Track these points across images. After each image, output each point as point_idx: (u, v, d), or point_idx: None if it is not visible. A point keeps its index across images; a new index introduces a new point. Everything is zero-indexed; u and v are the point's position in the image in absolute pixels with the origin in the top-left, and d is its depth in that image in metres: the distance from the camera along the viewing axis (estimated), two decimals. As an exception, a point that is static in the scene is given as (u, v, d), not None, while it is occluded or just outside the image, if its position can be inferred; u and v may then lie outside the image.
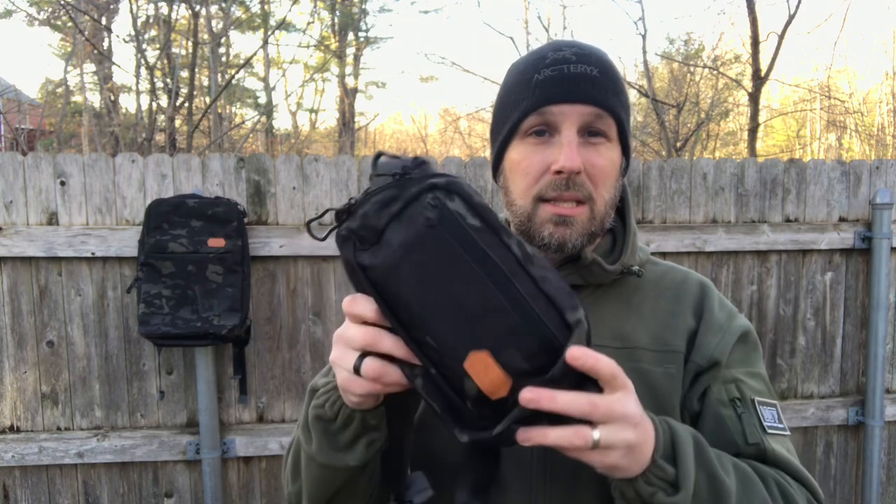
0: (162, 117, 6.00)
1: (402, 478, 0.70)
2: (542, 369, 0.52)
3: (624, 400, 0.57)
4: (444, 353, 0.54)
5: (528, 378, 0.52)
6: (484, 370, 0.52)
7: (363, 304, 0.58)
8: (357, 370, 0.59)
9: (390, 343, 0.57)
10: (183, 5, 7.07)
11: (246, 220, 2.25)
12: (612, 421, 0.56)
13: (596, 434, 0.55)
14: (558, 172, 0.75)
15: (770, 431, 0.78)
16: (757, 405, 0.80)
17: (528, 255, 0.55)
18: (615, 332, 0.81)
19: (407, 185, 0.57)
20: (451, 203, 0.56)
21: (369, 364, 0.58)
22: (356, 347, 0.59)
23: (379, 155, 0.60)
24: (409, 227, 0.55)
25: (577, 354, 0.52)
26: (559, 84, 0.76)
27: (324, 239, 0.62)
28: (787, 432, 0.81)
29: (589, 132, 0.76)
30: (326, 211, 0.62)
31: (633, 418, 0.58)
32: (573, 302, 0.54)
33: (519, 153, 0.79)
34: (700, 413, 0.80)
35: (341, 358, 0.61)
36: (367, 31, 15.59)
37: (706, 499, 0.64)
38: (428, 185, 0.57)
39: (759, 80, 6.70)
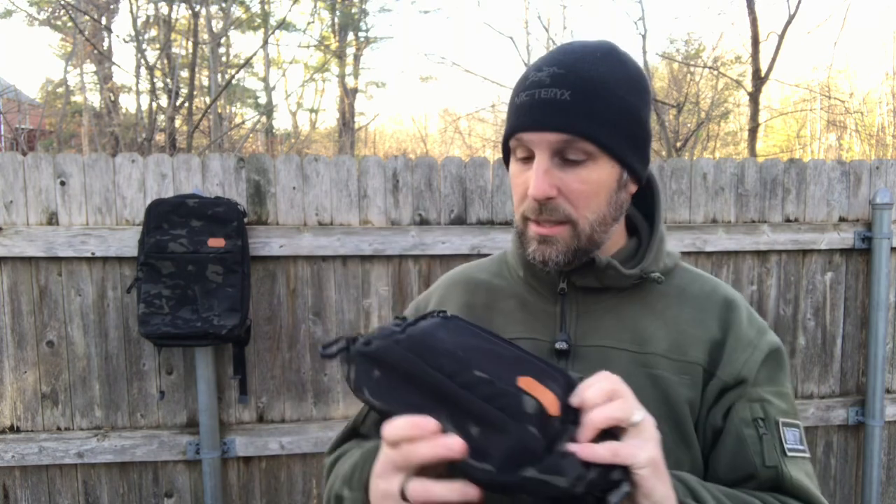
0: (162, 117, 5.99)
1: None
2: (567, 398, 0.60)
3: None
4: (496, 377, 0.58)
5: (566, 403, 0.59)
6: (536, 388, 0.58)
7: (401, 423, 0.58)
8: (403, 495, 0.59)
9: (426, 446, 0.56)
10: (183, 5, 7.07)
11: (246, 220, 2.25)
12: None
13: (638, 413, 0.59)
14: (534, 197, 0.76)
15: (790, 454, 0.78)
16: (781, 427, 0.79)
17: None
18: (634, 336, 0.81)
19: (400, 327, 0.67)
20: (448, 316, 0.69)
21: (414, 484, 0.58)
22: (402, 468, 0.59)
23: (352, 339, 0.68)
24: (426, 322, 0.66)
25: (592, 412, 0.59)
26: (528, 111, 0.75)
27: (335, 356, 0.65)
28: (808, 454, 0.80)
29: (565, 157, 0.76)
30: (340, 339, 0.67)
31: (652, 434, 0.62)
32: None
33: (512, 171, 0.81)
34: (723, 430, 0.79)
35: (387, 487, 0.60)
36: (367, 31, 15.59)
37: None
38: (429, 312, 0.71)
39: (759, 80, 6.70)
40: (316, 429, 2.36)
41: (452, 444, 0.55)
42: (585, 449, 0.56)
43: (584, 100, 0.74)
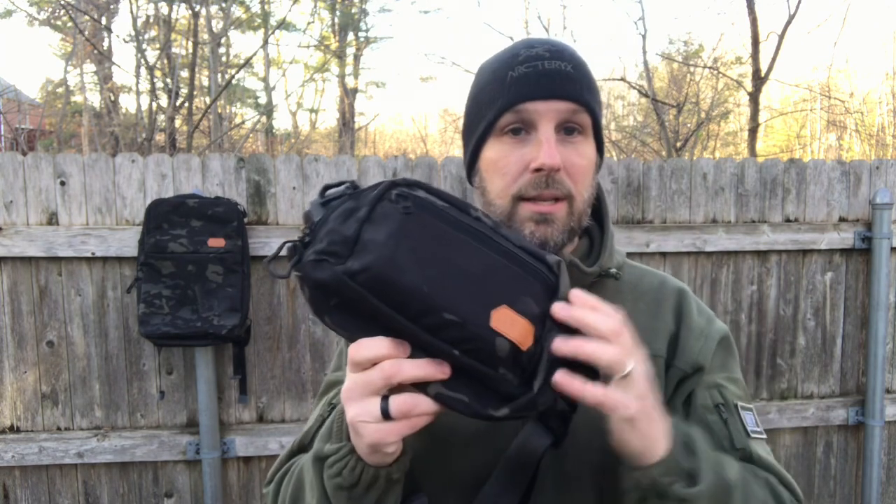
0: (162, 117, 5.99)
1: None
2: (548, 309, 0.57)
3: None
4: (469, 321, 0.53)
5: (543, 321, 0.56)
6: (510, 323, 0.54)
7: (372, 342, 0.55)
8: (386, 413, 0.55)
9: (410, 364, 0.54)
10: (183, 5, 7.07)
11: (246, 220, 2.25)
12: (635, 352, 0.59)
13: (630, 364, 0.57)
14: (537, 170, 0.74)
15: (753, 436, 0.79)
16: (739, 410, 0.80)
17: (495, 221, 0.60)
18: None
19: (362, 194, 0.58)
20: (416, 193, 0.58)
21: (399, 401, 0.55)
22: (378, 389, 0.56)
23: (326, 188, 0.61)
24: (387, 222, 0.55)
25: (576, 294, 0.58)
26: (534, 81, 0.75)
27: (288, 275, 0.57)
28: (765, 436, 0.82)
29: (565, 129, 0.76)
30: (283, 245, 0.58)
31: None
32: (544, 250, 0.62)
33: (496, 152, 0.77)
34: (686, 418, 0.79)
35: (362, 411, 0.57)
36: (367, 31, 15.59)
37: (713, 495, 0.63)
38: (386, 184, 0.58)
39: (759, 80, 6.70)
40: (316, 429, 2.35)
41: (440, 365, 0.54)
42: (566, 385, 0.55)
43: (583, 75, 0.77)
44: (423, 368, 0.54)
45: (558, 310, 0.56)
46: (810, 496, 2.70)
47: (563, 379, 0.55)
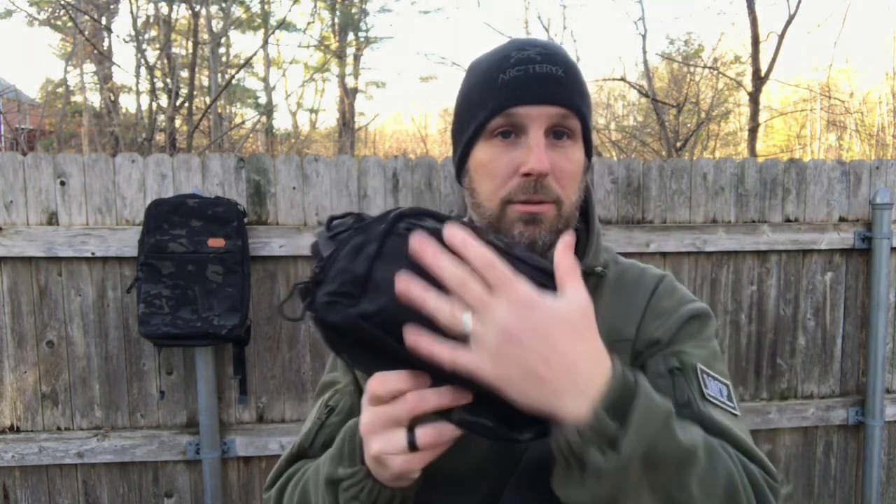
0: (162, 117, 5.99)
1: None
2: None
3: (520, 289, 0.51)
4: None
5: None
6: None
7: (393, 376, 0.55)
8: (413, 445, 0.55)
9: (433, 394, 0.54)
10: (183, 5, 7.07)
11: (246, 220, 2.25)
12: (490, 307, 0.50)
13: (467, 320, 0.50)
14: (527, 175, 0.73)
15: (711, 399, 0.73)
16: (699, 373, 0.75)
17: (507, 242, 0.59)
18: None
19: (369, 227, 0.56)
20: (424, 223, 0.57)
21: (426, 433, 0.55)
22: (402, 421, 0.55)
23: (331, 219, 0.59)
24: (397, 258, 0.54)
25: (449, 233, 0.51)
26: (525, 84, 0.74)
27: (302, 318, 0.56)
28: (738, 412, 0.75)
29: (555, 133, 0.76)
30: (295, 287, 0.58)
31: (525, 311, 0.50)
32: (534, 250, 0.62)
33: (485, 154, 0.77)
34: None
35: (388, 445, 0.56)
36: (367, 31, 15.59)
37: (663, 462, 0.55)
38: (395, 216, 0.56)
39: (759, 80, 6.69)
40: (316, 429, 2.35)
41: (462, 391, 0.53)
42: (415, 345, 0.51)
43: (574, 79, 0.77)
44: (446, 396, 0.54)
45: (400, 280, 0.51)
46: (810, 496, 2.70)
47: (413, 338, 0.51)
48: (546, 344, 0.51)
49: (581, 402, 0.52)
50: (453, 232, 0.52)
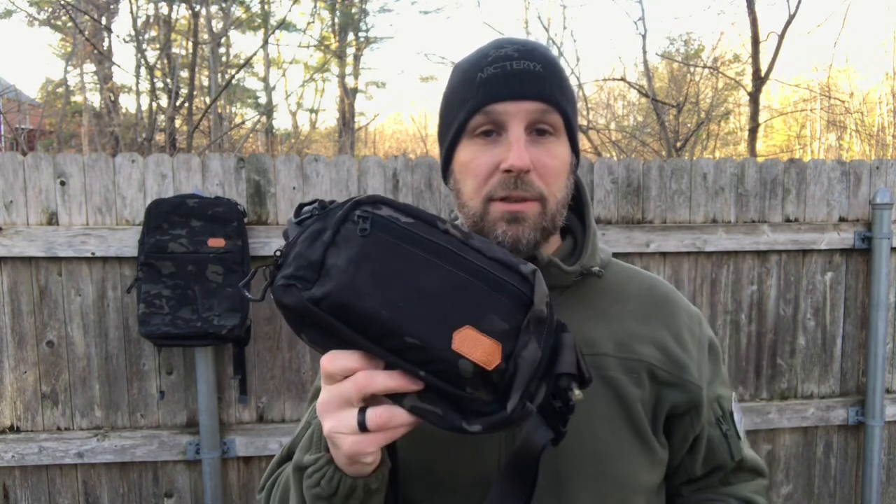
0: (162, 117, 5.99)
1: None
2: (520, 323, 0.55)
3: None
4: (429, 344, 0.54)
5: (514, 336, 0.55)
6: (473, 344, 0.54)
7: (344, 355, 0.56)
8: (363, 425, 0.56)
9: (383, 376, 0.55)
10: (183, 5, 7.07)
11: (246, 220, 2.25)
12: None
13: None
14: (507, 171, 0.73)
15: (741, 436, 0.87)
16: (733, 417, 0.87)
17: (465, 233, 0.59)
18: (580, 338, 0.79)
19: (329, 214, 0.58)
20: (379, 211, 0.57)
21: (376, 413, 0.55)
22: (353, 400, 0.56)
23: (300, 206, 0.61)
24: (348, 245, 0.56)
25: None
26: (503, 81, 0.74)
27: (262, 298, 0.59)
28: (743, 422, 0.90)
29: (536, 130, 0.75)
30: (256, 270, 0.61)
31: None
32: (519, 258, 0.59)
33: (467, 154, 0.77)
34: (698, 436, 0.84)
35: (339, 423, 0.57)
36: (367, 31, 15.58)
37: None
38: (350, 204, 0.58)
39: (759, 80, 6.69)
40: (316, 429, 2.36)
41: (413, 378, 0.54)
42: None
43: (553, 75, 0.76)
44: (395, 380, 0.55)
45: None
46: (810, 496, 2.70)
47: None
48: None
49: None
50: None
